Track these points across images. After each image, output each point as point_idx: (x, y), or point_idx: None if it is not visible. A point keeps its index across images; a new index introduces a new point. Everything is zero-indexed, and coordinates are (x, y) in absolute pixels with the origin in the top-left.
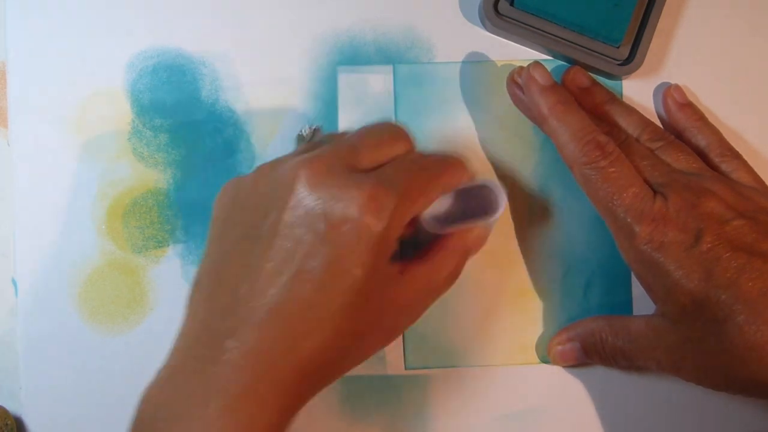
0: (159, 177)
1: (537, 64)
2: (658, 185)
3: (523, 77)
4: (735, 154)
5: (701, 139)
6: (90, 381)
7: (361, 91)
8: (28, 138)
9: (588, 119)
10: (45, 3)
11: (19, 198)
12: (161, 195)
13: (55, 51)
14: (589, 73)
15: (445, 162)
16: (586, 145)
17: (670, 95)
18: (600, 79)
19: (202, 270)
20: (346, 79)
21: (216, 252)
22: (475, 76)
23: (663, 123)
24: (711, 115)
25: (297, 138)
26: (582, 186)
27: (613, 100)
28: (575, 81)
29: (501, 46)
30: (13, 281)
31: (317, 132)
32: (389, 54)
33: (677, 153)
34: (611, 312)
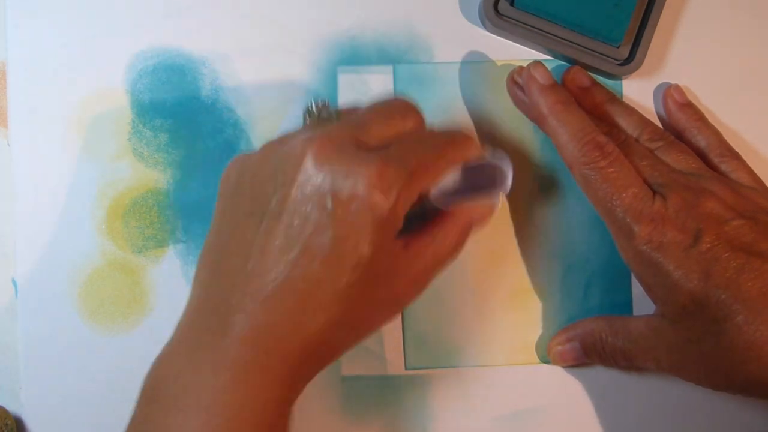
0: (159, 177)
1: (537, 63)
2: (657, 185)
3: (524, 77)
4: (734, 154)
5: (701, 140)
6: (90, 381)
7: (361, 92)
8: (28, 138)
9: (588, 119)
10: (45, 3)
11: (19, 198)
12: (161, 195)
13: (55, 51)
14: (589, 73)
15: (454, 139)
16: (585, 146)
17: (670, 95)
18: (600, 79)
19: (208, 246)
20: (346, 79)
21: (223, 228)
22: (475, 76)
23: (663, 123)
24: (711, 115)
25: (304, 113)
26: (581, 186)
27: (613, 100)
28: (575, 81)
29: (501, 46)
30: (13, 281)
31: (325, 107)
32: (389, 54)
33: (677, 153)
34: (611, 312)
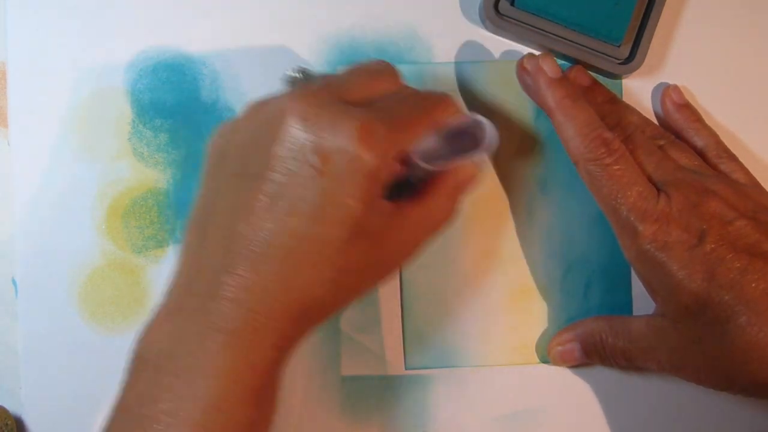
0: (159, 177)
1: (547, 55)
2: (661, 183)
3: (532, 68)
4: (731, 156)
5: (698, 141)
6: (90, 381)
7: None
8: (28, 138)
9: (594, 115)
10: (45, 3)
11: (19, 198)
12: (161, 195)
13: (55, 51)
14: (590, 73)
15: (434, 96)
16: (591, 141)
17: (668, 96)
18: (600, 79)
19: (196, 210)
20: None
21: (210, 191)
22: (475, 75)
23: (661, 123)
24: (710, 116)
25: (286, 80)
26: (586, 182)
27: (614, 99)
28: (576, 80)
29: (501, 46)
30: (13, 281)
31: (305, 72)
32: (389, 54)
33: (678, 152)
34: (611, 312)
